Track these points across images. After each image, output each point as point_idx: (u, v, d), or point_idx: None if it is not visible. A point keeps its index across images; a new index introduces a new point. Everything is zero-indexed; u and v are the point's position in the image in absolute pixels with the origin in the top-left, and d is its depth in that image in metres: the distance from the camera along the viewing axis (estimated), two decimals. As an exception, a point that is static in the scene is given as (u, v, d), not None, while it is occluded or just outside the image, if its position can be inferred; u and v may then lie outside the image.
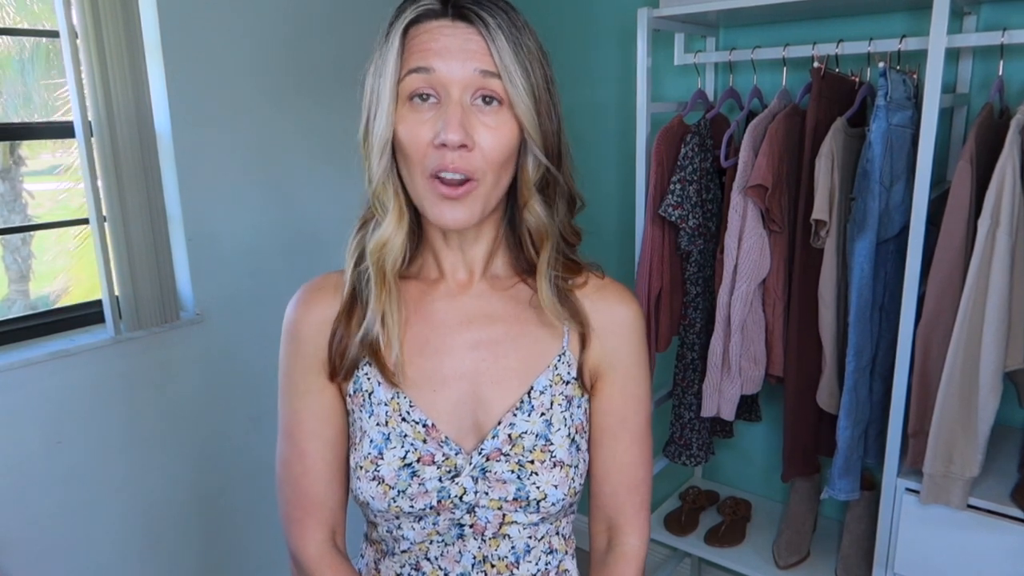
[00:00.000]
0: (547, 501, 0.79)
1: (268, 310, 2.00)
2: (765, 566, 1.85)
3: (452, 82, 0.70)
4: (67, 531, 1.70)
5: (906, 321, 1.47)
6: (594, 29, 2.18)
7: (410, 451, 0.79)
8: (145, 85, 1.67)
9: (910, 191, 1.47)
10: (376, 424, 0.80)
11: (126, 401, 1.76)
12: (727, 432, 2.03)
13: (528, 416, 0.80)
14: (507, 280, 0.84)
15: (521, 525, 0.81)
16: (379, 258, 0.77)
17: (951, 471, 1.43)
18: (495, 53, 0.70)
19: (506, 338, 0.82)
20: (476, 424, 0.80)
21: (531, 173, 0.76)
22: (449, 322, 0.82)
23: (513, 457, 0.79)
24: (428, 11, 0.72)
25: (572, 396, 0.82)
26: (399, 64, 0.71)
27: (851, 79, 1.67)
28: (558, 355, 0.82)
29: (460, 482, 0.78)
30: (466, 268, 0.83)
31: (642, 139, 1.78)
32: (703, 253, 1.79)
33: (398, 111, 0.72)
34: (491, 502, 0.79)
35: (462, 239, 0.81)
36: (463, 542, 0.81)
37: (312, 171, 2.07)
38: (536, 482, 0.78)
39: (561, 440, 0.80)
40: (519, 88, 0.71)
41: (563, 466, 0.79)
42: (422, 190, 0.73)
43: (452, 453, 0.79)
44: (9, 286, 1.78)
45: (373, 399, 0.81)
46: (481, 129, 0.71)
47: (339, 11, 2.06)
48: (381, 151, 0.73)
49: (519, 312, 0.83)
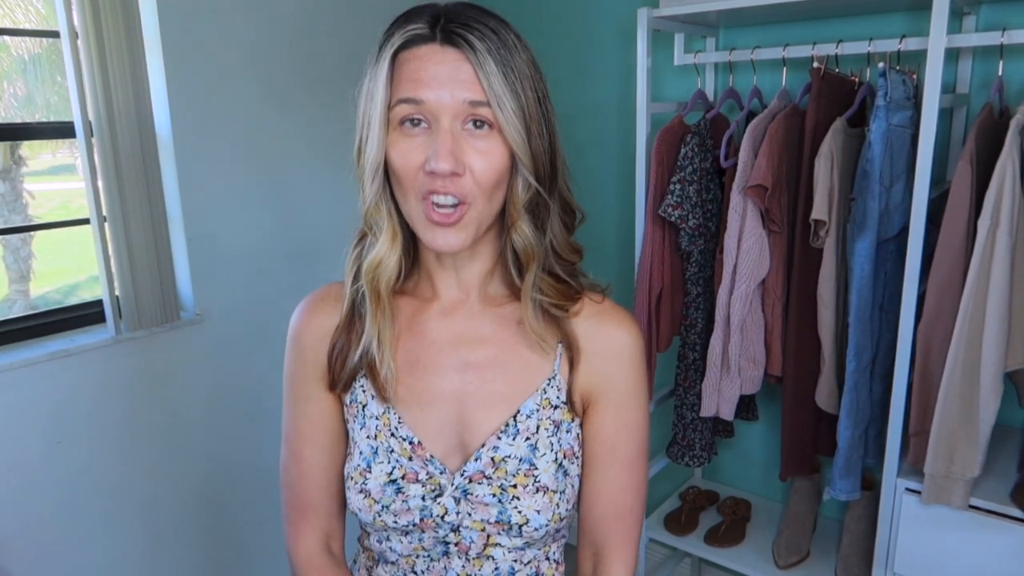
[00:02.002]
0: (529, 526, 0.78)
1: (268, 310, 2.00)
2: (765, 566, 1.85)
3: (442, 111, 0.70)
4: (67, 531, 1.70)
5: (906, 321, 1.47)
6: (594, 29, 2.18)
7: (396, 467, 0.79)
8: (145, 85, 1.68)
9: (910, 191, 1.47)
10: (367, 437, 0.81)
11: (126, 401, 1.76)
12: (728, 432, 2.03)
13: (512, 440, 0.79)
14: (501, 299, 0.83)
15: (506, 548, 0.81)
16: (373, 277, 0.78)
17: (952, 471, 1.43)
18: (483, 80, 0.69)
19: (495, 361, 0.81)
20: (462, 444, 0.80)
21: (520, 194, 0.75)
22: (440, 341, 0.82)
23: (496, 480, 0.78)
24: (416, 36, 0.71)
25: (561, 420, 0.81)
26: (388, 91, 0.71)
27: (851, 79, 1.67)
28: (548, 379, 0.81)
29: (442, 502, 0.79)
30: (460, 288, 0.82)
31: (642, 139, 1.78)
32: (703, 253, 1.79)
33: (389, 136, 0.72)
34: (474, 523, 0.79)
35: (456, 260, 0.80)
36: (448, 559, 0.82)
37: (313, 171, 2.07)
38: (518, 507, 0.78)
39: (546, 465, 0.79)
40: (508, 113, 0.70)
41: (547, 491, 0.78)
42: (415, 213, 0.73)
43: (436, 472, 0.79)
44: (10, 286, 1.78)
45: (366, 412, 0.82)
46: (472, 153, 0.71)
47: (341, 11, 2.06)
48: (373, 174, 0.74)
49: (510, 334, 0.82)
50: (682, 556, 2.27)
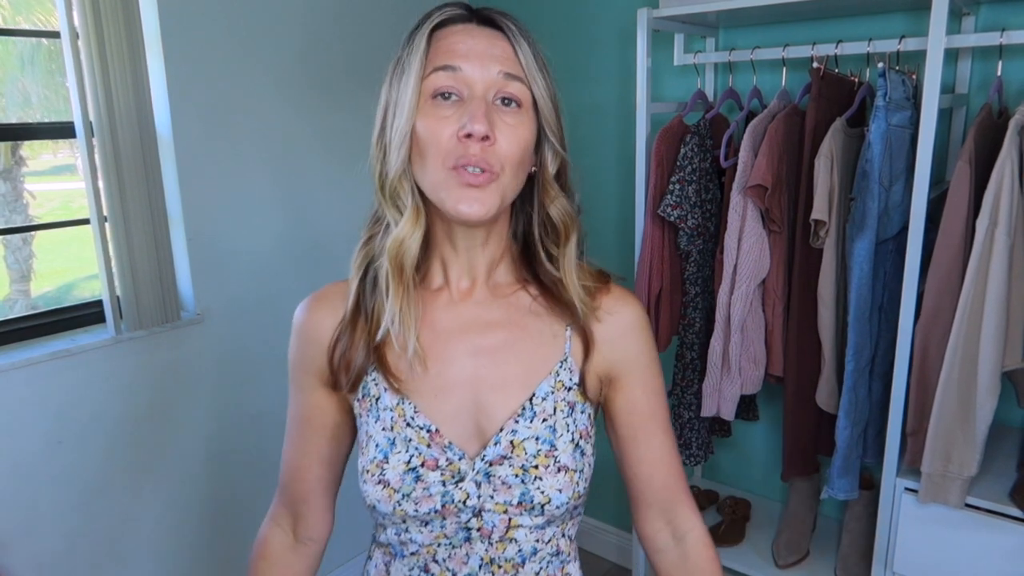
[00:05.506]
0: (551, 505, 0.80)
1: (269, 310, 2.00)
2: (765, 565, 1.85)
3: (476, 81, 0.74)
4: (67, 531, 1.70)
5: (905, 321, 1.48)
6: (594, 29, 2.18)
7: (414, 455, 0.80)
8: (146, 85, 1.68)
9: (909, 191, 1.47)
10: (382, 429, 0.81)
11: (127, 401, 1.77)
12: (725, 431, 2.04)
13: (530, 422, 0.81)
14: (508, 288, 0.86)
15: (527, 528, 0.82)
16: (397, 254, 0.78)
17: (949, 470, 1.44)
18: (521, 57, 0.76)
19: (506, 345, 0.83)
20: (479, 430, 0.82)
21: (550, 168, 0.80)
22: (451, 329, 0.83)
23: (516, 461, 0.80)
24: (455, 15, 0.77)
25: (575, 402, 0.83)
26: (424, 63, 0.74)
27: (850, 79, 1.67)
28: (559, 361, 0.83)
29: (464, 487, 0.80)
30: (470, 276, 0.84)
31: (642, 139, 1.78)
32: (703, 253, 1.80)
33: (420, 108, 0.74)
34: (496, 506, 0.80)
35: (470, 243, 0.82)
36: (470, 545, 0.82)
37: (314, 171, 2.07)
38: (540, 487, 0.79)
39: (565, 445, 0.81)
40: (541, 89, 0.77)
41: (567, 471, 0.80)
42: (442, 181, 0.74)
43: (455, 458, 0.80)
44: (11, 286, 1.78)
45: (380, 404, 0.82)
46: (501, 127, 0.74)
47: (341, 10, 2.07)
48: (400, 144, 0.75)
49: (519, 319, 0.84)
50: (682, 555, 2.27)
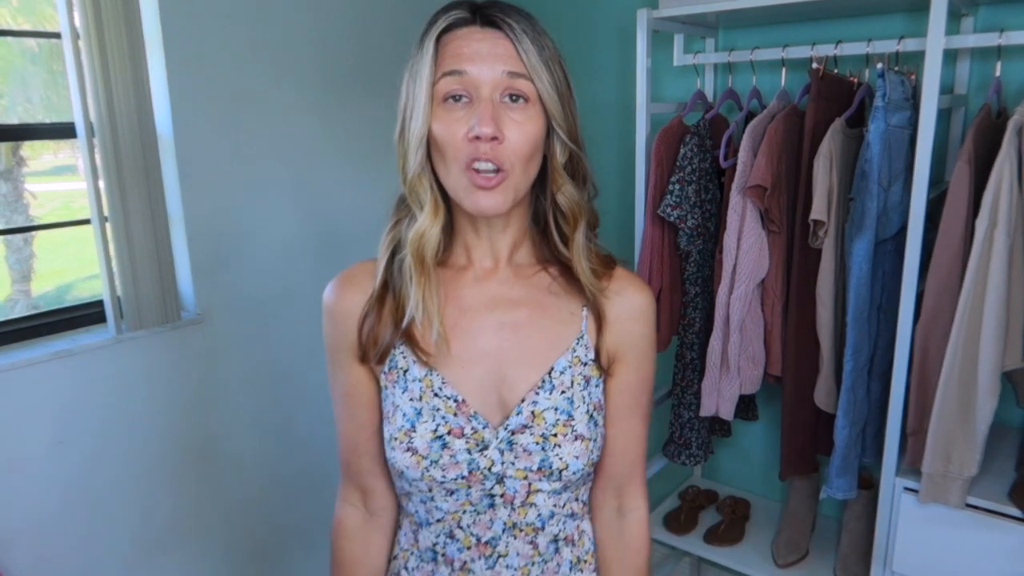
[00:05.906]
0: (568, 471, 0.86)
1: (269, 309, 2.00)
2: (764, 565, 1.85)
3: (483, 83, 0.78)
4: (67, 531, 1.70)
5: (904, 320, 1.48)
6: (594, 29, 2.18)
7: (441, 424, 0.85)
8: (147, 85, 1.68)
9: (908, 191, 1.47)
10: (410, 399, 0.87)
11: (127, 401, 1.77)
12: (725, 431, 2.04)
13: (550, 394, 0.87)
14: (529, 268, 0.91)
15: (546, 493, 0.88)
16: (418, 247, 0.84)
17: (949, 470, 1.44)
18: (523, 54, 0.79)
19: (528, 321, 0.89)
20: (501, 401, 0.87)
21: (559, 158, 0.84)
22: (476, 306, 0.89)
23: (537, 430, 0.86)
24: (459, 19, 0.80)
25: (590, 376, 0.89)
26: (434, 68, 0.79)
27: (850, 80, 1.68)
28: (576, 338, 0.89)
29: (488, 455, 0.85)
30: (492, 257, 0.90)
31: (641, 139, 1.79)
32: (702, 253, 1.80)
33: (434, 111, 0.79)
34: (517, 472, 0.86)
35: (491, 230, 0.88)
36: (494, 511, 0.88)
37: (316, 171, 2.07)
38: (559, 454, 0.85)
39: (581, 416, 0.87)
40: (545, 83, 0.80)
41: (583, 439, 0.87)
42: (458, 181, 0.80)
43: (480, 427, 0.85)
44: (12, 286, 1.78)
45: (408, 376, 0.87)
46: (510, 123, 0.79)
47: (344, 9, 2.07)
48: (417, 146, 0.80)
49: (540, 297, 0.90)
50: (681, 555, 2.28)
